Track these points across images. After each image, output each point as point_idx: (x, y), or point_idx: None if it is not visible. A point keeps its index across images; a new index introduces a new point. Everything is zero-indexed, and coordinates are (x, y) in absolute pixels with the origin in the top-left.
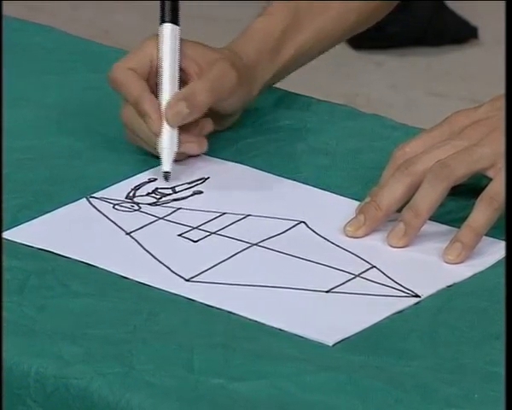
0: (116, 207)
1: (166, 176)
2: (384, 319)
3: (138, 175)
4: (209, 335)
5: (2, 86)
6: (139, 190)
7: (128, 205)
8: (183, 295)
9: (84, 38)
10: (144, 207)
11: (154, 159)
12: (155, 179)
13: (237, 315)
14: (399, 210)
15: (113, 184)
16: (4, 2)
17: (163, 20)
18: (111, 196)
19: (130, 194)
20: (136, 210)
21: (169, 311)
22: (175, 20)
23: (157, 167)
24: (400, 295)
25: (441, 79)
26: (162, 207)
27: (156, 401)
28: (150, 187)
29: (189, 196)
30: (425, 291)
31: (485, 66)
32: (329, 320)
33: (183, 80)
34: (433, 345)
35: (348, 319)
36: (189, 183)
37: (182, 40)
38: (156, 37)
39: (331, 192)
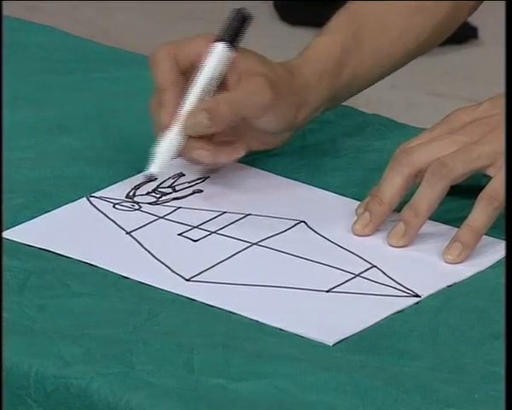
0: (116, 206)
1: (150, 178)
2: (384, 318)
3: (138, 175)
4: (209, 335)
5: (3, 86)
6: (139, 190)
7: (128, 204)
8: (183, 294)
9: (84, 38)
10: (144, 207)
11: None
12: (155, 179)
13: (237, 315)
14: (399, 210)
15: (113, 184)
16: (4, 3)
17: (222, 39)
18: (111, 196)
19: (131, 193)
20: (136, 209)
21: (169, 311)
22: (232, 42)
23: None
24: (400, 294)
25: (441, 79)
26: (162, 207)
27: (156, 401)
28: (150, 186)
29: (189, 195)
30: (425, 291)
31: (485, 66)
32: (329, 320)
33: (221, 87)
34: (433, 345)
35: (348, 319)
36: (189, 182)
37: (240, 49)
38: (212, 35)
39: (331, 192)
